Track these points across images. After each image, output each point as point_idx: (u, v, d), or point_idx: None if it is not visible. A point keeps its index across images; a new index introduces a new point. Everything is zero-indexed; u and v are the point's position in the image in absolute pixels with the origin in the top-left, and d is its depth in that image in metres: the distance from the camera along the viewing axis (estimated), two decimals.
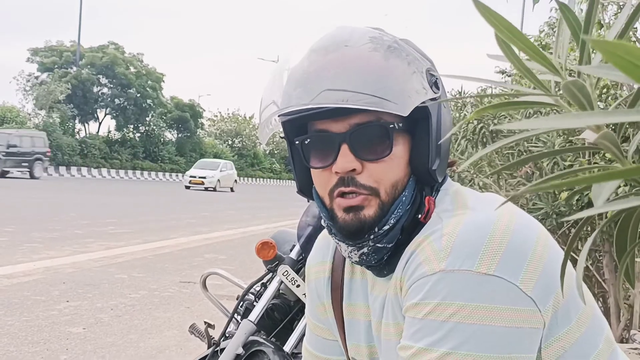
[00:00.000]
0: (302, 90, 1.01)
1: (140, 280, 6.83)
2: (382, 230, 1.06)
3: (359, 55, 1.01)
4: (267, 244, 2.41)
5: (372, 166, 1.05)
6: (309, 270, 1.36)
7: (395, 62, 1.02)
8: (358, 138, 1.04)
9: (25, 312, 5.14)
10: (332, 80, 0.99)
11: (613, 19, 4.62)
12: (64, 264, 7.45)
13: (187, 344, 4.49)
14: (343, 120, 1.05)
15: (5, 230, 10.14)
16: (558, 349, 0.99)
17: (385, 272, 1.12)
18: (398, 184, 1.07)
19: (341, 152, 1.05)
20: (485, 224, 0.99)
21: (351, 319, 1.24)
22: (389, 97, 0.99)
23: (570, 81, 0.34)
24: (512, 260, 0.95)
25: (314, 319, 1.36)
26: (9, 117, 40.31)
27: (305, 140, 1.10)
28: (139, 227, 12.25)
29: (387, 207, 1.06)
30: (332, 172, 1.07)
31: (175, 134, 58.89)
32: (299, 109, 1.02)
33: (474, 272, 0.94)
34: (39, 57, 49.33)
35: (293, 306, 2.43)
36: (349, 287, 1.25)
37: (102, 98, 52.28)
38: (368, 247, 1.07)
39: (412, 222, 1.08)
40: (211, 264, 8.19)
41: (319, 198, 1.12)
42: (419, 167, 1.07)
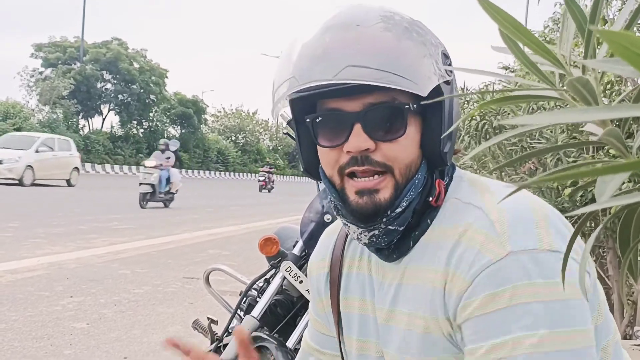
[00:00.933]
0: (325, 65, 0.99)
1: (144, 276, 6.84)
2: (394, 213, 1.04)
3: (378, 36, 1.00)
4: (270, 240, 2.41)
5: (386, 146, 1.04)
6: (311, 267, 1.36)
7: (414, 43, 1.02)
8: (372, 118, 1.03)
9: (29, 308, 5.16)
10: (355, 57, 0.98)
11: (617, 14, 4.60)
12: (67, 260, 7.47)
13: (190, 340, 4.49)
14: (357, 99, 1.03)
15: (10, 226, 10.16)
16: None
17: (395, 257, 1.10)
18: (412, 165, 1.05)
19: (354, 131, 1.03)
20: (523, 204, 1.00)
21: (347, 313, 1.24)
22: (410, 77, 0.98)
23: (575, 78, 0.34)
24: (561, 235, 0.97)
25: (314, 313, 1.36)
26: (13, 112, 40.37)
27: (317, 119, 1.08)
28: (142, 223, 12.27)
29: (401, 189, 1.05)
30: (342, 151, 1.05)
31: (179, 129, 58.92)
32: (321, 84, 1.00)
33: (539, 250, 0.94)
34: (43, 53, 49.38)
35: (296, 302, 2.43)
36: (346, 282, 1.24)
37: (105, 94, 52.34)
38: (379, 230, 1.06)
39: (422, 205, 1.07)
40: (214, 259, 8.20)
41: (327, 178, 1.11)
42: (431, 149, 1.06)
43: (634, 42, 0.29)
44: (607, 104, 0.37)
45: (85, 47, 50.01)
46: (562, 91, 0.37)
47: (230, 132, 70.19)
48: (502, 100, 0.38)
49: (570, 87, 0.34)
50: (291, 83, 1.03)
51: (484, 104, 0.37)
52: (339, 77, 0.97)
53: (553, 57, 0.36)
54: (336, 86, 1.00)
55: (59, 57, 48.98)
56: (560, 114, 0.31)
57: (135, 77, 51.63)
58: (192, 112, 56.87)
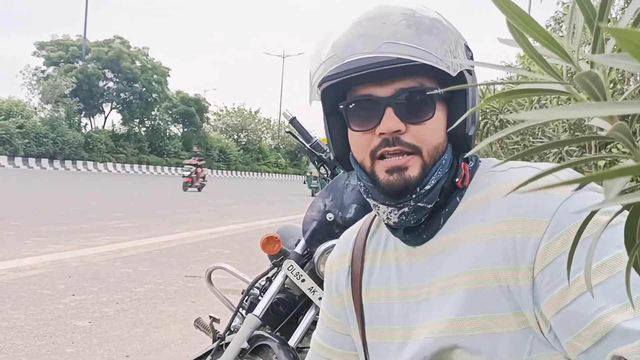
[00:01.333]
0: (364, 40, 1.05)
1: (146, 275, 6.84)
2: (423, 190, 1.09)
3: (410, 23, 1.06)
4: (272, 238, 2.41)
5: (416, 128, 1.09)
6: (330, 264, 1.39)
7: (441, 30, 1.08)
8: (402, 102, 1.09)
9: (31, 306, 5.16)
10: (392, 35, 1.04)
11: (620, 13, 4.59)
12: (70, 258, 7.48)
13: (192, 338, 4.50)
14: (388, 85, 1.09)
15: (12, 224, 10.18)
16: None
17: (425, 237, 1.14)
18: (439, 147, 1.10)
19: (386, 114, 1.08)
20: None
21: (370, 304, 1.26)
22: (443, 58, 1.05)
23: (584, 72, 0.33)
24: None
25: (328, 312, 1.38)
26: (15, 111, 40.46)
27: (350, 105, 1.13)
28: (144, 221, 12.29)
29: (428, 169, 1.09)
30: (374, 134, 1.10)
31: (181, 128, 59.03)
32: (362, 57, 1.05)
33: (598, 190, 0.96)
34: (45, 51, 49.50)
35: (298, 301, 2.43)
36: (369, 275, 1.27)
37: (107, 92, 52.45)
38: (409, 207, 1.10)
39: (450, 186, 1.12)
40: (216, 258, 8.21)
41: (358, 164, 1.16)
42: (456, 132, 1.12)
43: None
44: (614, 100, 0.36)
45: (88, 46, 50.11)
46: (570, 85, 0.37)
47: (232, 131, 70.29)
48: (507, 94, 0.37)
49: (580, 82, 0.33)
50: (332, 60, 1.09)
51: (490, 98, 0.37)
52: (380, 50, 1.03)
53: (561, 50, 0.36)
54: (371, 69, 1.04)
55: (62, 55, 49.09)
56: (568, 109, 0.31)
57: (138, 76, 51.73)
58: (194, 110, 56.98)
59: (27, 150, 39.12)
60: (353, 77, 1.07)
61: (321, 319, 1.41)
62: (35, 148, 39.73)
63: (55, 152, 41.33)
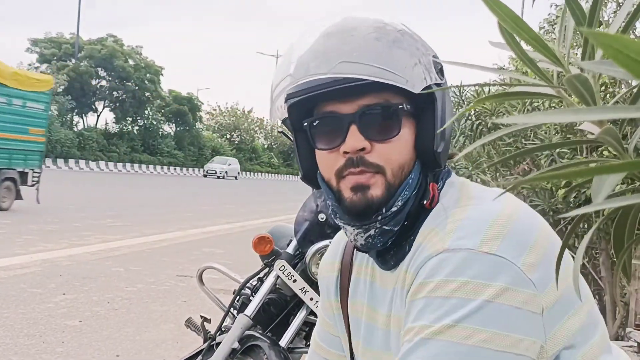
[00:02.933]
0: (320, 61, 1.03)
1: (137, 274, 6.82)
2: (390, 212, 1.07)
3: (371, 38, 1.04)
4: (264, 238, 2.40)
5: (381, 146, 1.06)
6: (323, 267, 1.38)
7: (405, 46, 1.05)
8: (367, 119, 1.06)
9: (21, 305, 5.14)
10: (349, 54, 1.01)
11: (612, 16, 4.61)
12: (61, 257, 7.45)
13: (183, 338, 4.49)
14: (352, 102, 1.06)
15: (3, 222, 10.12)
16: (561, 339, 1.00)
17: (392, 264, 1.12)
18: (405, 166, 1.08)
19: (350, 132, 1.06)
20: (490, 211, 1.01)
21: (355, 317, 1.26)
22: (403, 74, 1.02)
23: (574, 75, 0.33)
24: (514, 243, 0.97)
25: (325, 314, 1.38)
26: None
27: (314, 122, 1.11)
28: (136, 220, 12.25)
29: (393, 189, 1.07)
30: (339, 153, 1.08)
31: (174, 127, 58.84)
32: (316, 78, 1.03)
33: (476, 251, 0.95)
34: (39, 48, 49.21)
35: (289, 301, 2.42)
36: (355, 286, 1.26)
37: (100, 91, 52.20)
38: (375, 229, 1.08)
39: (417, 208, 1.10)
40: (209, 257, 8.19)
41: (325, 182, 1.14)
42: (424, 149, 1.09)
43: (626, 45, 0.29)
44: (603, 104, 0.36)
45: (81, 44, 49.86)
46: (560, 89, 0.37)
47: (225, 130, 70.15)
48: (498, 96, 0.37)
49: (569, 85, 0.33)
50: (288, 81, 1.07)
51: (480, 100, 0.37)
52: (334, 71, 1.01)
53: (552, 54, 0.36)
54: (331, 86, 1.03)
55: (55, 53, 48.83)
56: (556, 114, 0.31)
57: (130, 74, 51.50)
58: (187, 109, 56.78)
59: None
60: (317, 94, 1.05)
61: (319, 318, 1.42)
62: None
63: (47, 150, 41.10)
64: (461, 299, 0.93)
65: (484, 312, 0.92)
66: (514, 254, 0.96)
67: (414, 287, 1.00)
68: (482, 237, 0.96)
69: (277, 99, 1.13)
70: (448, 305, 0.94)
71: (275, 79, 1.12)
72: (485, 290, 0.93)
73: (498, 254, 0.95)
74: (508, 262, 0.95)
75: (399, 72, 1.01)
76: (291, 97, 1.10)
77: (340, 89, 1.03)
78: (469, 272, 0.94)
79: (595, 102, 0.35)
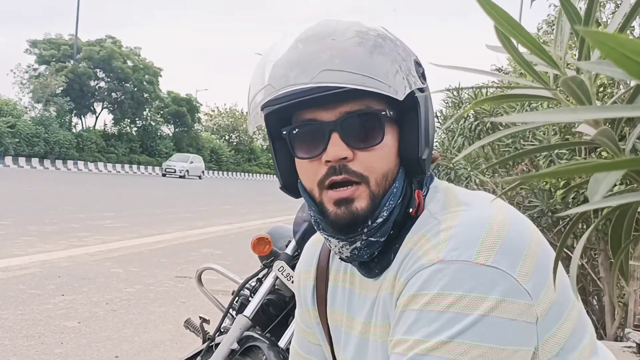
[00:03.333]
0: (300, 70, 0.99)
1: (136, 275, 6.82)
2: (375, 223, 1.04)
3: (351, 44, 1.00)
4: (262, 239, 2.40)
5: (363, 154, 1.03)
6: (298, 276, 1.35)
7: (387, 51, 1.02)
8: (349, 126, 1.03)
9: (20, 306, 5.13)
10: (330, 61, 0.98)
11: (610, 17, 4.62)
12: (59, 258, 7.44)
13: (182, 339, 4.49)
14: (333, 109, 1.03)
15: (2, 223, 10.11)
16: (553, 345, 0.99)
17: (377, 271, 1.10)
18: (388, 174, 1.05)
19: (332, 140, 1.03)
20: (482, 218, 0.99)
21: (335, 326, 1.23)
22: (385, 81, 0.99)
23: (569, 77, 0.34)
24: (509, 253, 0.95)
25: (302, 323, 1.35)
26: (6, 110, 40.20)
27: (294, 130, 1.07)
28: (135, 221, 12.23)
29: (378, 199, 1.04)
30: (321, 162, 1.04)
31: (172, 128, 58.84)
32: (297, 88, 0.99)
33: (472, 263, 0.94)
34: (38, 50, 49.20)
35: (288, 302, 2.42)
36: (333, 295, 1.24)
37: (99, 92, 52.20)
38: (361, 242, 1.06)
39: (403, 217, 1.07)
40: (207, 258, 8.19)
41: (307, 192, 1.10)
42: (408, 156, 1.06)
43: (623, 44, 0.29)
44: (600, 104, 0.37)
45: (79, 45, 49.88)
46: (556, 91, 0.37)
47: (223, 131, 70.16)
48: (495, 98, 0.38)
49: (565, 87, 0.33)
50: (267, 90, 1.03)
51: (477, 102, 0.37)
52: (315, 80, 0.97)
53: (548, 57, 0.36)
54: (312, 94, 1.00)
55: (54, 54, 48.82)
56: (553, 113, 0.31)
57: (129, 76, 51.52)
58: (185, 110, 56.80)
59: (18, 150, 38.89)
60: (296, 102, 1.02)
61: (297, 327, 1.39)
62: (26, 147, 39.51)
63: (46, 151, 41.10)
64: (457, 313, 0.92)
65: (480, 326, 0.91)
66: (510, 264, 0.94)
67: (406, 297, 0.99)
68: (478, 248, 0.95)
69: (256, 109, 1.09)
70: (443, 320, 0.93)
71: (253, 89, 1.08)
72: (481, 304, 0.92)
73: (494, 266, 0.93)
74: (504, 274, 0.93)
75: (382, 79, 0.99)
76: (269, 105, 1.06)
77: (321, 97, 1.00)
78: (465, 286, 0.93)
79: (591, 103, 0.35)
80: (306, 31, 1.04)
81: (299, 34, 1.04)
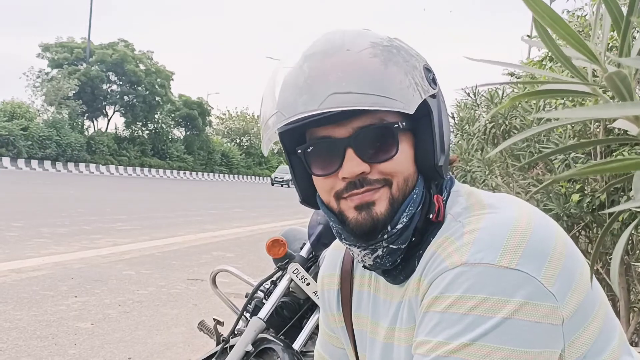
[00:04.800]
0: (308, 96, 0.98)
1: (148, 277, 6.84)
2: (395, 230, 1.03)
3: (358, 58, 0.99)
4: (277, 241, 2.40)
5: (381, 165, 1.04)
6: (322, 281, 1.35)
7: (395, 62, 1.01)
8: (363, 141, 1.02)
9: (33, 307, 5.16)
10: (337, 84, 0.97)
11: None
12: (72, 260, 7.48)
13: (194, 341, 4.50)
14: (346, 125, 1.02)
15: (15, 225, 10.18)
16: (580, 346, 0.98)
17: (402, 278, 1.09)
18: (409, 179, 1.05)
19: (347, 156, 1.02)
20: (507, 220, 0.98)
21: (360, 330, 1.23)
22: (394, 97, 0.98)
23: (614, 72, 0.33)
24: (534, 256, 0.94)
25: (326, 327, 1.36)
26: (19, 113, 40.52)
27: (308, 149, 1.07)
28: (147, 224, 12.28)
29: (397, 204, 1.04)
30: (337, 177, 1.04)
31: (184, 131, 59.10)
32: (307, 115, 0.99)
33: (495, 266, 0.93)
34: (50, 53, 49.61)
35: (303, 304, 2.42)
36: (358, 299, 1.24)
37: (111, 95, 52.54)
38: (382, 249, 1.05)
39: (424, 223, 1.06)
40: (219, 261, 8.20)
41: (325, 205, 1.10)
42: (425, 163, 1.06)
43: None
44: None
45: (92, 48, 50.22)
46: (595, 86, 0.37)
47: (234, 135, 70.41)
48: (532, 94, 0.37)
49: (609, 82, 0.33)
50: (277, 117, 1.03)
51: (515, 98, 0.37)
52: (324, 106, 0.97)
53: (589, 51, 0.35)
54: (323, 115, 0.99)
55: (66, 57, 49.21)
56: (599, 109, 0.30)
57: (141, 79, 51.82)
58: (197, 114, 57.05)
59: (30, 152, 39.18)
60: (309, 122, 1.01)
61: (321, 330, 1.39)
62: (39, 150, 39.79)
63: (58, 154, 41.38)
64: (479, 316, 0.91)
65: (502, 329, 0.91)
66: (535, 267, 0.93)
67: (429, 298, 0.98)
68: (501, 251, 0.94)
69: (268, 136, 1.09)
70: (466, 322, 0.92)
71: (264, 113, 1.07)
72: (504, 306, 0.91)
73: (518, 269, 0.92)
74: (529, 277, 0.92)
75: (393, 95, 0.98)
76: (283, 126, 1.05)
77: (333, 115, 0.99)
78: (488, 289, 0.92)
79: (632, 99, 0.34)
80: (313, 46, 1.03)
81: (307, 49, 1.03)
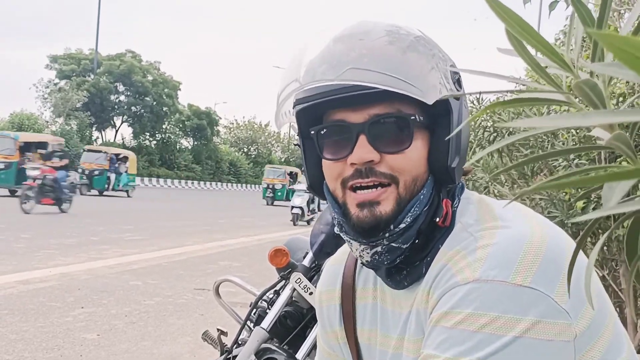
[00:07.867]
0: (327, 66, 0.97)
1: (155, 287, 6.84)
2: (398, 229, 1.01)
3: (384, 43, 0.98)
4: (280, 251, 2.40)
5: (391, 157, 1.01)
6: (320, 297, 1.32)
7: (421, 52, 1.00)
8: (377, 129, 1.00)
9: (40, 318, 5.17)
10: (359, 60, 0.96)
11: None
12: (79, 271, 7.50)
13: (200, 351, 4.49)
14: (362, 111, 1.01)
15: (23, 236, 10.22)
16: (591, 358, 0.96)
17: (406, 284, 1.07)
18: (417, 179, 1.02)
19: (359, 142, 1.00)
20: (520, 236, 0.96)
21: (367, 345, 1.20)
22: (414, 83, 0.96)
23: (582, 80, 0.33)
24: (547, 273, 0.92)
25: (325, 344, 1.32)
26: (27, 124, 40.75)
27: (322, 130, 1.05)
28: (154, 234, 12.31)
29: (404, 204, 1.01)
30: (346, 163, 1.02)
31: (192, 141, 59.27)
32: (323, 84, 0.98)
33: (509, 283, 0.90)
34: (58, 65, 49.94)
35: (306, 314, 2.41)
36: (363, 313, 1.21)
37: (119, 106, 52.80)
38: (382, 246, 1.03)
39: (429, 226, 1.04)
40: (225, 271, 8.20)
41: (330, 193, 1.08)
42: (438, 163, 1.03)
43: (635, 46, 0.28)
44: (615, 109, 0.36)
45: (99, 59, 50.51)
46: (569, 94, 0.37)
47: (242, 144, 70.56)
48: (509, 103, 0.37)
49: (578, 90, 0.33)
50: (293, 85, 1.02)
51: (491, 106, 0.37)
52: (341, 77, 0.95)
53: (560, 59, 0.35)
54: (339, 93, 0.98)
55: (74, 69, 49.52)
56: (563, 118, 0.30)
57: (149, 89, 52.08)
58: (205, 123, 57.23)
59: None
60: (325, 100, 1.00)
61: (319, 348, 1.36)
62: None
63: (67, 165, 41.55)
64: (490, 334, 0.89)
65: (513, 348, 0.88)
66: (548, 284, 0.91)
67: (439, 313, 0.95)
68: (515, 268, 0.91)
69: (283, 103, 1.08)
70: (475, 340, 0.90)
71: (282, 83, 1.06)
72: (516, 325, 0.88)
73: (532, 286, 0.90)
74: (542, 294, 0.90)
75: (412, 81, 0.96)
76: (299, 103, 1.04)
77: (350, 97, 0.98)
78: (500, 306, 0.89)
79: (605, 106, 0.34)
80: (342, 30, 1.02)
81: (335, 33, 1.02)
